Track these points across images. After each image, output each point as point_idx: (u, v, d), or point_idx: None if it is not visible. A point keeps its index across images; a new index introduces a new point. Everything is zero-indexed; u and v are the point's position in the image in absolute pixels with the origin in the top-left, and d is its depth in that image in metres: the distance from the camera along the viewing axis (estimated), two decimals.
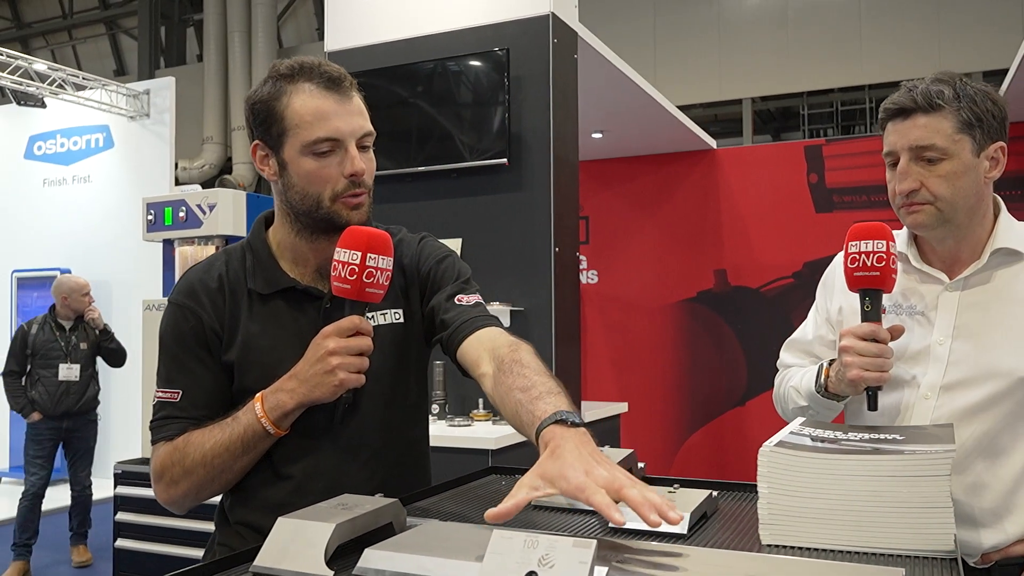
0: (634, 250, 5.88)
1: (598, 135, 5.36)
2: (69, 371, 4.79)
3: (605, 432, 4.08)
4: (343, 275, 1.28)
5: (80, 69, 7.40)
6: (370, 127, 1.38)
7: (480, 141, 3.44)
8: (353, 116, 1.35)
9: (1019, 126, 4.80)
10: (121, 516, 3.55)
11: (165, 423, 1.37)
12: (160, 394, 1.39)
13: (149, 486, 3.64)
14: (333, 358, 1.27)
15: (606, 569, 0.85)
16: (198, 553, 3.38)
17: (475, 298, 1.45)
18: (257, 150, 1.39)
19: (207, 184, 12.81)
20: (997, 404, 1.42)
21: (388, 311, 1.43)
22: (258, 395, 1.33)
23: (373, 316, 1.41)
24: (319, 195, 1.34)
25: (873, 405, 1.42)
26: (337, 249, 1.29)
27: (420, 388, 1.51)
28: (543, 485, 1.02)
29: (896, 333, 1.43)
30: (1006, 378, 1.41)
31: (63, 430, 4.92)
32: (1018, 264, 1.46)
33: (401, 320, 1.45)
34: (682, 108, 5.78)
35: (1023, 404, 1.41)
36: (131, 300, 5.63)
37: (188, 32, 16.91)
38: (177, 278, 3.63)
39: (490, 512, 0.99)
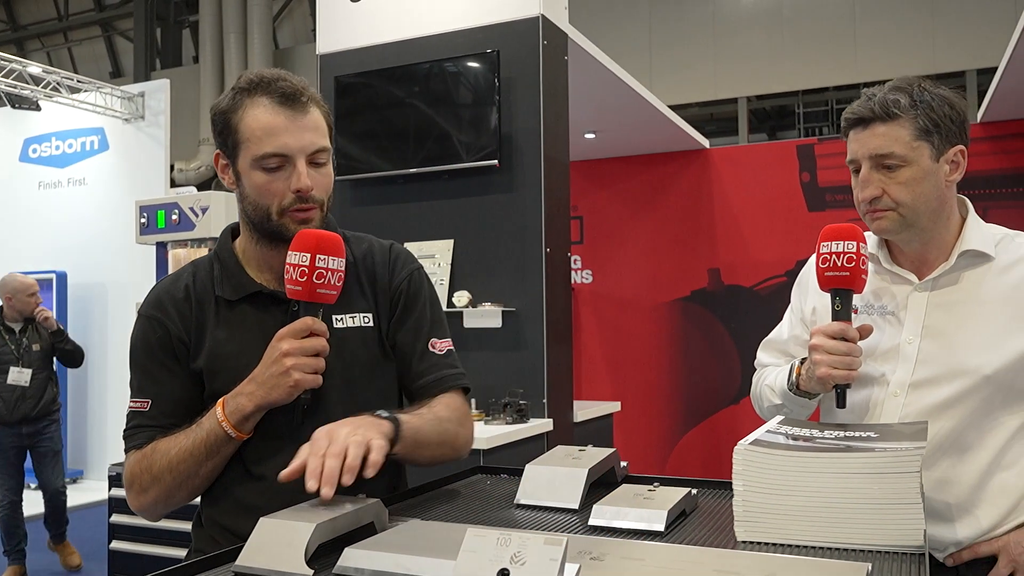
0: (628, 249, 5.90)
1: (591, 135, 5.38)
2: (19, 375, 4.59)
3: (598, 431, 4.10)
4: (294, 277, 1.30)
5: (76, 71, 7.42)
6: (324, 143, 1.39)
7: (471, 142, 3.46)
8: (304, 132, 1.36)
9: (1012, 124, 4.84)
10: (116, 518, 3.56)
11: (135, 432, 1.40)
12: (132, 404, 1.42)
13: None
14: (287, 359, 1.29)
15: (577, 566, 0.87)
16: None
17: (447, 344, 1.52)
18: (219, 159, 1.42)
19: (203, 186, 12.84)
20: (963, 402, 1.44)
21: (357, 314, 1.45)
22: (220, 400, 1.34)
23: (343, 318, 1.43)
24: (268, 208, 1.37)
25: (842, 402, 1.45)
26: (288, 252, 1.32)
27: (390, 389, 1.51)
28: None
29: (865, 332, 1.46)
30: (972, 376, 1.44)
31: (24, 436, 4.71)
32: (985, 265, 1.49)
33: (371, 324, 1.47)
34: (678, 108, 5.81)
35: (988, 402, 1.44)
36: (125, 302, 5.64)
37: (184, 34, 16.92)
38: None
39: (283, 473, 1.16)
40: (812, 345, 1.46)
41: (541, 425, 3.27)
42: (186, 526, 3.54)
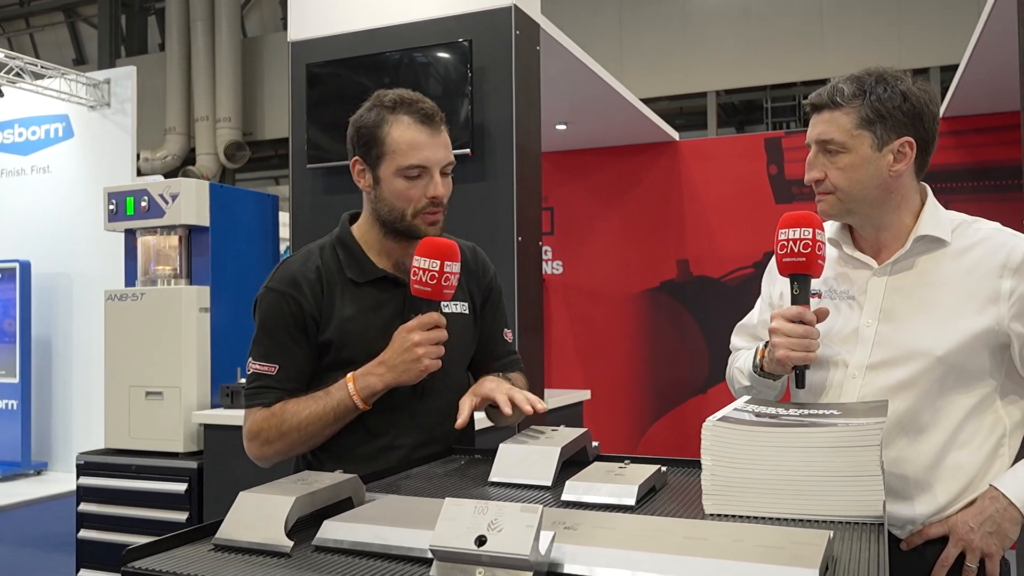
0: (598, 240, 5.94)
1: (562, 127, 5.40)
2: None
3: (569, 419, 4.14)
4: (424, 280, 1.53)
5: (38, 58, 7.27)
6: (452, 158, 1.67)
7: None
8: (440, 148, 1.64)
9: (974, 119, 4.95)
10: (84, 507, 3.54)
11: (262, 391, 1.62)
12: (257, 366, 1.62)
13: (113, 476, 3.60)
14: (419, 348, 1.54)
15: (552, 533, 0.90)
16: None
17: (510, 334, 1.87)
18: (356, 165, 1.66)
19: (169, 175, 12.68)
20: (918, 382, 1.49)
21: (456, 303, 1.71)
22: (349, 376, 1.58)
23: (448, 305, 1.68)
24: (403, 210, 1.62)
25: (800, 383, 1.51)
26: (417, 257, 1.54)
27: (467, 365, 1.80)
28: (475, 398, 1.58)
29: (822, 316, 1.52)
30: (926, 358, 1.49)
31: None
32: (940, 250, 1.54)
33: (467, 312, 1.75)
34: (648, 101, 5.84)
35: (942, 383, 1.49)
36: (91, 291, 5.56)
37: (149, 21, 16.65)
38: (140, 268, 3.63)
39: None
40: (771, 328, 1.52)
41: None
42: (157, 514, 3.51)
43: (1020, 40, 2.90)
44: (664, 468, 1.40)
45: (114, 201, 3.60)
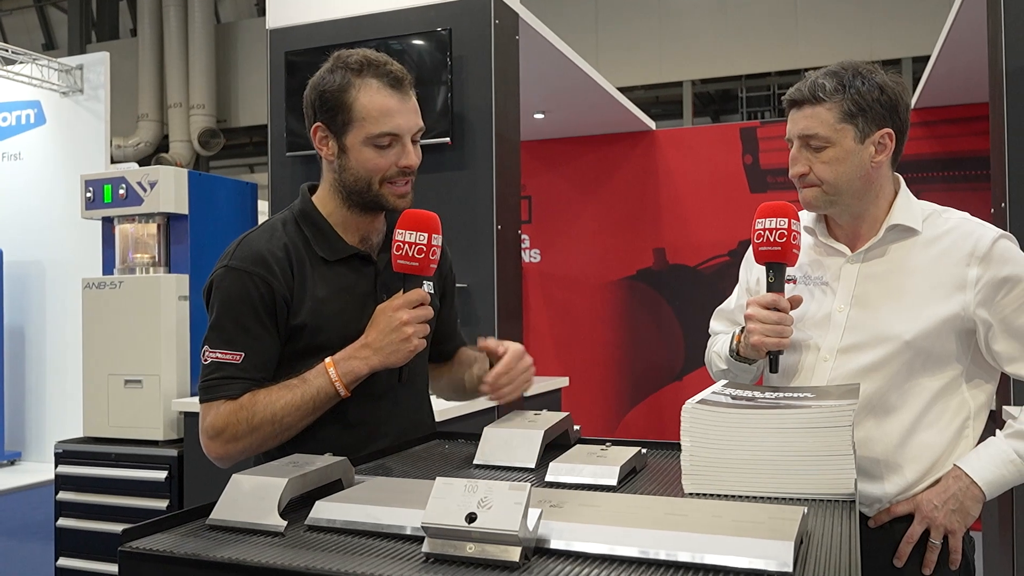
0: (575, 229, 5.98)
1: (540, 116, 5.43)
2: None
3: (547, 405, 4.16)
4: (410, 254, 1.44)
5: (7, 43, 7.15)
6: (422, 123, 1.57)
7: (423, 120, 3.47)
8: (411, 114, 1.54)
9: (944, 110, 5.04)
10: (63, 495, 3.52)
11: (225, 382, 1.46)
12: (220, 355, 1.47)
13: (92, 464, 3.58)
14: (408, 327, 1.45)
15: (539, 511, 0.94)
16: None
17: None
18: (318, 132, 1.53)
19: (143, 162, 12.54)
20: (886, 365, 1.55)
21: (425, 283, 1.58)
22: (327, 361, 1.47)
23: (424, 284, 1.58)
24: (370, 180, 1.52)
25: (774, 368, 1.56)
26: (401, 231, 1.45)
27: None
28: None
29: (795, 303, 1.58)
30: (894, 342, 1.54)
31: None
32: (911, 239, 1.60)
33: (434, 291, 1.64)
34: (624, 90, 5.88)
35: (909, 366, 1.55)
36: (68, 279, 5.51)
37: (120, 6, 16.40)
38: (118, 256, 3.61)
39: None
40: (747, 315, 1.57)
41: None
42: (137, 502, 3.50)
43: (989, 32, 2.97)
44: (644, 450, 1.44)
45: (91, 189, 3.57)
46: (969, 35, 3.68)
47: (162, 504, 3.35)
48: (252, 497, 1.07)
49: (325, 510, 1.06)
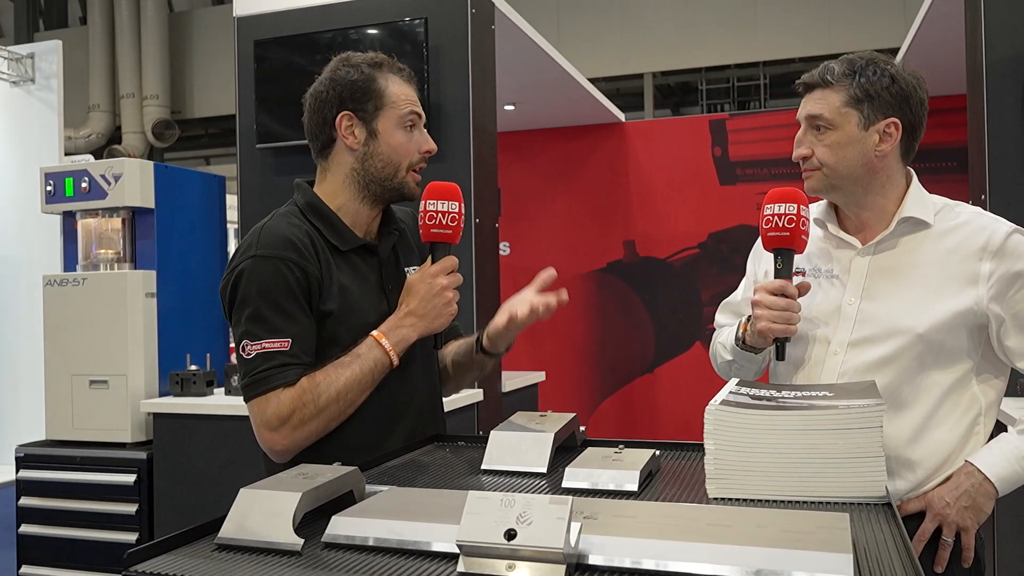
0: (545, 222, 5.93)
1: (510, 107, 5.37)
2: None
3: (525, 400, 4.14)
4: (444, 222, 1.51)
5: None
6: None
7: None
8: (419, 105, 1.63)
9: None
10: (25, 501, 3.39)
11: (279, 371, 1.45)
12: (266, 345, 1.45)
13: (56, 468, 3.45)
14: (448, 292, 1.53)
15: (579, 525, 0.89)
16: (109, 536, 3.25)
17: None
18: (343, 121, 1.56)
19: (96, 154, 12.19)
20: (898, 359, 1.53)
21: (417, 265, 1.66)
22: (375, 334, 1.51)
23: (410, 269, 1.64)
24: (399, 164, 1.58)
25: (780, 355, 1.54)
26: (432, 201, 1.52)
27: None
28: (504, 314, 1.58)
29: (803, 290, 1.56)
30: (906, 335, 1.52)
31: None
32: (923, 232, 1.58)
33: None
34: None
35: (921, 360, 1.53)
36: (24, 276, 5.31)
37: None
38: (81, 252, 3.47)
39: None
40: (754, 301, 1.55)
41: (472, 395, 3.29)
42: (103, 507, 3.38)
43: (968, 25, 2.98)
44: (657, 452, 1.40)
45: (52, 182, 3.43)
46: (943, 25, 3.69)
47: (131, 508, 3.24)
48: (264, 513, 1.00)
49: (343, 526, 1.00)
